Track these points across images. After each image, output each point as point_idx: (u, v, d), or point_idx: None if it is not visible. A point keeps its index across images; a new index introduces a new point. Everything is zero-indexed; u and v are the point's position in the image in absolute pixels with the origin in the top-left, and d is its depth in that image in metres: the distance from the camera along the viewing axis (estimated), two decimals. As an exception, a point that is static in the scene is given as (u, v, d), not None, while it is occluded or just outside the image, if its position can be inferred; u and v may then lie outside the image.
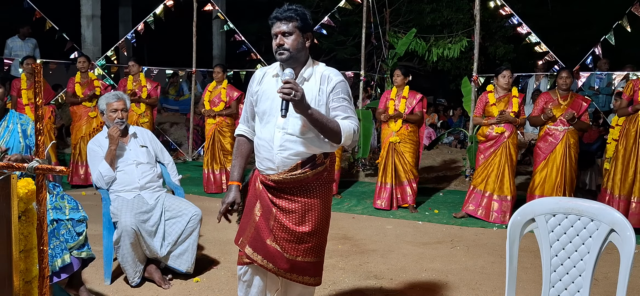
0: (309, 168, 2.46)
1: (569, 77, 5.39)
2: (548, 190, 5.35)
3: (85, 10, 10.74)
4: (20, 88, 6.84)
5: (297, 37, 2.40)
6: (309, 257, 2.54)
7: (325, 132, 2.36)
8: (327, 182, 2.55)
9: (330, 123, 2.36)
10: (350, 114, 2.44)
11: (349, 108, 2.45)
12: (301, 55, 2.44)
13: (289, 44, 2.38)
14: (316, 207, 2.51)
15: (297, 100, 2.22)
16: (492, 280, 3.91)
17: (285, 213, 2.49)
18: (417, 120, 5.99)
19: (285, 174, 2.45)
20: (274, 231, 2.50)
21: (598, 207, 2.09)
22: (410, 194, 6.03)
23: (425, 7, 11.80)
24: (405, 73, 6.05)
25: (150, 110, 7.44)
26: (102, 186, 3.71)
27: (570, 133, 5.34)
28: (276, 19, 2.39)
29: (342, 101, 2.44)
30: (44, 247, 1.85)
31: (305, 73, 2.46)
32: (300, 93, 2.23)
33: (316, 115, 2.32)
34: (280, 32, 2.39)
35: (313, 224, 2.51)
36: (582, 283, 2.10)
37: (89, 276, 3.67)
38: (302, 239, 2.50)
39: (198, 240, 3.77)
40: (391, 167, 5.98)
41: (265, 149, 2.48)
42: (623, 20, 6.88)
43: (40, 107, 1.80)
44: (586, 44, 7.58)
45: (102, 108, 3.80)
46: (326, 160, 2.51)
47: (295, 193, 2.48)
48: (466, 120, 9.45)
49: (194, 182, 7.33)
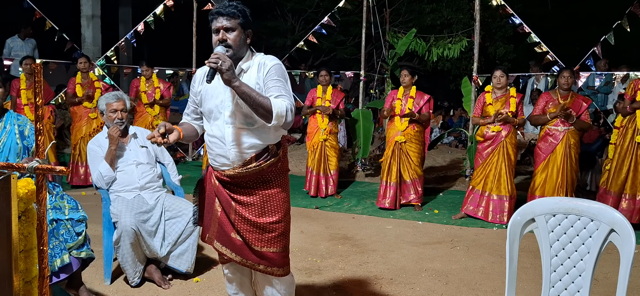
0: (263, 161, 2.48)
1: (570, 77, 5.39)
2: (549, 191, 5.35)
3: (85, 10, 10.74)
4: (19, 89, 6.84)
5: (239, 33, 2.43)
6: (274, 247, 2.55)
7: (256, 107, 2.33)
8: (283, 171, 2.59)
9: (261, 98, 2.34)
10: (284, 93, 2.42)
11: (283, 88, 2.44)
12: (242, 51, 2.48)
13: (231, 39, 2.41)
14: (275, 196, 2.54)
15: (223, 69, 2.24)
16: (492, 280, 3.91)
17: (245, 206, 2.53)
18: (425, 120, 6.00)
19: (240, 168, 2.48)
20: (236, 224, 2.54)
21: (598, 207, 2.09)
22: (414, 193, 6.04)
23: (425, 7, 11.80)
24: (412, 73, 6.04)
25: (164, 112, 7.53)
26: (102, 186, 3.71)
27: (571, 133, 5.34)
28: (219, 14, 2.41)
29: (276, 82, 2.43)
30: (44, 247, 1.85)
31: (244, 65, 2.49)
32: (227, 64, 2.25)
33: (244, 88, 2.31)
34: (222, 27, 2.41)
35: (274, 214, 2.54)
36: (582, 283, 2.10)
37: (89, 276, 3.67)
38: (265, 228, 2.53)
39: (198, 240, 3.77)
40: (396, 167, 5.98)
41: (218, 145, 2.51)
42: (623, 20, 6.88)
43: (40, 107, 1.80)
44: (586, 43, 7.58)
45: (101, 109, 3.80)
46: (279, 151, 2.54)
47: (253, 186, 2.51)
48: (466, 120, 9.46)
49: (194, 182, 7.30)
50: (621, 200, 5.31)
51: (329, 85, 6.69)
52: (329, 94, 6.61)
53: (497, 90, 5.58)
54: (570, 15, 12.36)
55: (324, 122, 6.60)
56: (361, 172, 7.97)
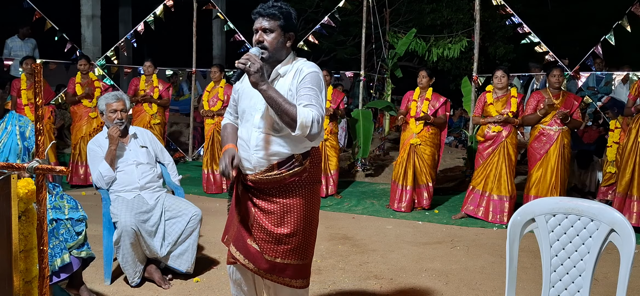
0: (285, 170, 2.39)
1: (561, 75, 5.40)
2: (542, 191, 5.35)
3: (85, 10, 10.73)
4: (20, 89, 6.85)
5: (278, 35, 2.35)
6: (290, 259, 2.46)
7: (281, 114, 2.25)
8: (309, 182, 2.46)
9: (287, 106, 2.24)
10: (313, 103, 2.29)
11: (314, 98, 2.31)
12: (281, 54, 2.39)
13: (268, 41, 2.34)
14: (296, 208, 2.43)
15: (252, 71, 2.18)
16: (492, 280, 3.91)
17: (264, 213, 2.45)
18: (441, 123, 5.92)
19: (262, 175, 2.41)
20: (253, 231, 2.48)
21: (598, 207, 2.09)
22: (426, 196, 5.99)
23: (425, 7, 11.80)
24: (430, 74, 5.94)
25: (162, 112, 7.51)
26: (102, 186, 3.71)
27: (564, 133, 5.35)
28: (259, 14, 2.35)
29: (308, 90, 2.31)
30: (44, 247, 1.85)
31: (281, 69, 2.40)
32: (256, 66, 2.19)
33: (271, 92, 2.23)
34: (261, 28, 2.35)
35: (293, 226, 2.43)
36: (582, 283, 2.10)
37: (89, 276, 3.67)
38: (280, 240, 2.44)
39: (198, 240, 3.77)
40: (412, 170, 5.87)
41: (244, 149, 2.46)
42: (623, 20, 6.88)
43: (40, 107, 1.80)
44: (586, 43, 7.58)
45: (101, 109, 3.80)
46: (305, 161, 2.43)
47: (274, 194, 2.43)
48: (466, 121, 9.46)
49: (194, 182, 7.32)
50: (628, 201, 5.16)
51: (329, 85, 6.69)
52: (329, 94, 6.61)
53: (497, 90, 5.59)
54: (570, 15, 12.37)
55: (324, 122, 6.59)
56: (361, 172, 7.97)
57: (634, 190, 5.14)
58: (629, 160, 5.16)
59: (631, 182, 5.15)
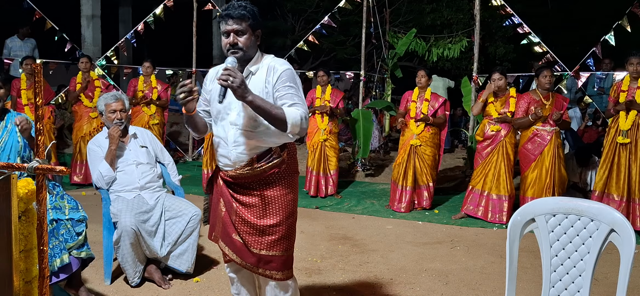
0: (264, 163, 2.46)
1: (552, 76, 5.38)
2: (538, 192, 5.34)
3: (85, 10, 10.74)
4: (20, 89, 6.85)
5: (250, 35, 2.40)
6: (274, 250, 2.52)
7: (271, 119, 2.34)
8: (288, 173, 2.53)
9: (275, 110, 2.33)
10: (297, 101, 2.40)
11: (296, 95, 2.41)
12: (252, 52, 2.45)
13: (242, 42, 2.39)
14: (277, 198, 2.50)
15: (235, 87, 2.22)
16: (492, 280, 3.91)
17: (246, 207, 2.51)
18: (440, 123, 5.91)
19: (242, 170, 2.46)
20: (237, 225, 2.53)
21: (598, 207, 2.09)
22: (427, 196, 5.99)
23: (425, 7, 11.80)
24: (429, 74, 5.95)
25: (161, 112, 7.52)
26: (102, 186, 3.71)
27: (557, 133, 5.36)
28: (229, 17, 2.38)
29: (288, 88, 2.40)
30: (44, 247, 1.85)
31: (252, 67, 2.46)
32: (238, 80, 2.22)
33: (258, 101, 2.29)
34: (232, 30, 2.38)
35: (276, 216, 2.50)
36: (582, 283, 2.10)
37: (89, 276, 3.67)
38: (264, 231, 2.50)
39: (198, 240, 3.78)
40: (412, 171, 5.88)
41: (221, 146, 2.51)
42: (623, 20, 6.88)
43: (40, 107, 1.80)
44: (586, 43, 7.58)
45: (100, 110, 3.80)
46: (283, 152, 2.49)
47: (254, 187, 2.49)
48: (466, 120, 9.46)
49: (194, 182, 7.32)
50: (605, 200, 5.21)
51: (328, 85, 6.69)
52: (328, 94, 6.62)
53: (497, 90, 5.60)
54: (570, 15, 12.36)
55: (324, 122, 6.60)
56: (361, 172, 7.97)
57: (612, 189, 5.24)
58: (606, 159, 5.26)
59: (608, 181, 5.26)
